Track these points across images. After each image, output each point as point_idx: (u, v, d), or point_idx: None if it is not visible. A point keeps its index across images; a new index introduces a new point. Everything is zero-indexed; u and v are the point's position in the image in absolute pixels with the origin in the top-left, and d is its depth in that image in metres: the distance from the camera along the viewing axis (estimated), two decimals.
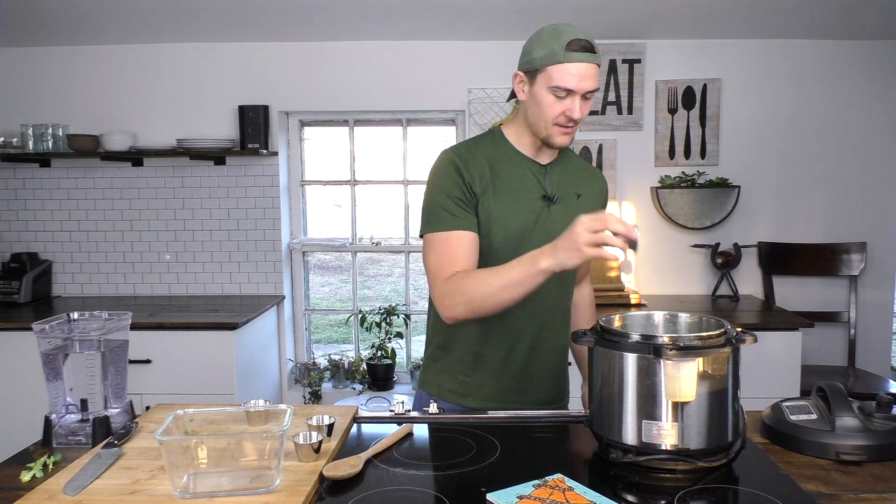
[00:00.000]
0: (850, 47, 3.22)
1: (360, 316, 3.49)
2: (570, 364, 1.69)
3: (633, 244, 1.19)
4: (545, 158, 1.55)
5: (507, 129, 1.56)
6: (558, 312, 1.58)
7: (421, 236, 1.50)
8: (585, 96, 1.42)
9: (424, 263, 1.50)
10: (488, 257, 1.49)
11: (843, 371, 3.12)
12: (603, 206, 1.66)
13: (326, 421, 1.25)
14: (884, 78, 3.23)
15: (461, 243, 1.45)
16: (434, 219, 1.47)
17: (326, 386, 3.46)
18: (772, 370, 2.68)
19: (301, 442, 1.17)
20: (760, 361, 2.64)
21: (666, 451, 1.14)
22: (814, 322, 2.84)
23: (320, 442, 1.18)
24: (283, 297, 3.40)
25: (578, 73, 1.38)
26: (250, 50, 3.29)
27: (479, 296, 1.37)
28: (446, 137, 3.49)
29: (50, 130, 3.20)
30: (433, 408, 1.47)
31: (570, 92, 1.40)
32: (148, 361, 2.77)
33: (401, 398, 1.57)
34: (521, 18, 2.89)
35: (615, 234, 1.19)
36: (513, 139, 1.55)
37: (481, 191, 1.47)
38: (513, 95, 1.54)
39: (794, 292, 3.30)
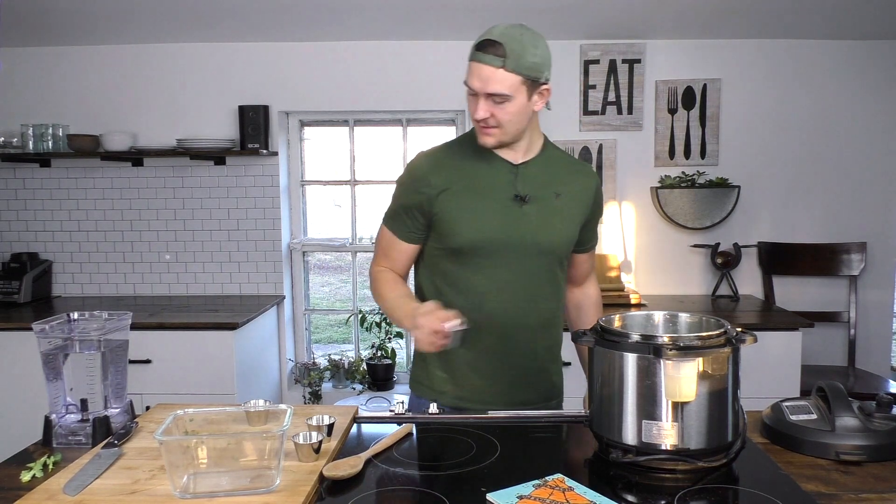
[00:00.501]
0: (851, 47, 3.22)
1: (360, 316, 3.49)
2: (568, 364, 1.68)
3: (454, 341, 1.37)
4: (518, 157, 1.54)
5: None
6: (533, 316, 1.55)
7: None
8: (495, 100, 1.40)
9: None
10: (457, 259, 1.51)
11: (843, 371, 3.12)
12: (590, 203, 1.61)
13: (326, 421, 1.25)
14: (884, 78, 3.23)
15: (395, 247, 1.59)
16: (388, 213, 1.61)
17: (326, 386, 3.46)
18: (772, 370, 2.68)
19: (301, 442, 1.17)
20: (760, 361, 2.64)
21: (666, 451, 1.14)
22: (814, 322, 2.84)
23: (320, 442, 1.18)
24: (283, 297, 3.40)
25: (474, 72, 1.41)
26: (250, 50, 3.29)
27: (381, 307, 1.60)
28: (446, 137, 3.49)
29: (50, 130, 3.20)
30: (433, 408, 1.47)
31: (474, 91, 1.42)
32: (148, 361, 2.77)
33: (401, 398, 1.56)
34: (521, 18, 2.87)
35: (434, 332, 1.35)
36: None
37: (442, 196, 1.49)
38: None
39: (794, 292, 3.30)
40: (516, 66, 1.38)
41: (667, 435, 1.14)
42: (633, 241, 3.35)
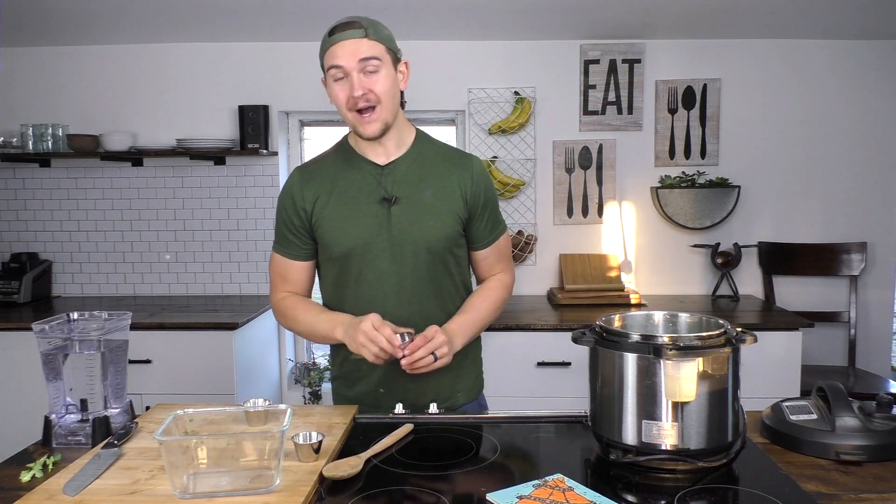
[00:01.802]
0: (851, 47, 3.22)
1: None
2: (568, 364, 1.68)
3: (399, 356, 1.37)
4: (384, 158, 1.52)
5: (350, 137, 1.57)
6: (422, 318, 1.50)
7: None
8: (367, 70, 1.41)
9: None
10: (337, 266, 1.52)
11: (843, 371, 3.12)
12: (471, 190, 1.53)
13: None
14: (884, 78, 3.23)
15: (289, 269, 1.58)
16: (276, 240, 1.60)
17: (326, 386, 3.45)
18: (772, 370, 2.68)
19: (301, 442, 1.17)
20: (760, 361, 2.64)
21: (666, 451, 1.14)
22: (814, 322, 2.84)
23: (320, 442, 1.18)
24: None
25: (342, 50, 1.41)
26: (250, 50, 3.29)
27: (297, 330, 1.57)
28: (446, 137, 3.49)
29: (50, 130, 3.20)
30: (433, 408, 1.47)
31: (342, 70, 1.41)
32: (148, 361, 2.76)
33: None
34: (521, 18, 2.89)
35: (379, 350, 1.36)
36: (354, 144, 1.56)
37: (315, 208, 1.50)
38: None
39: (794, 292, 3.30)
40: (377, 36, 1.43)
41: (667, 435, 1.14)
42: (633, 241, 3.35)
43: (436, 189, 1.51)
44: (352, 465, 1.14)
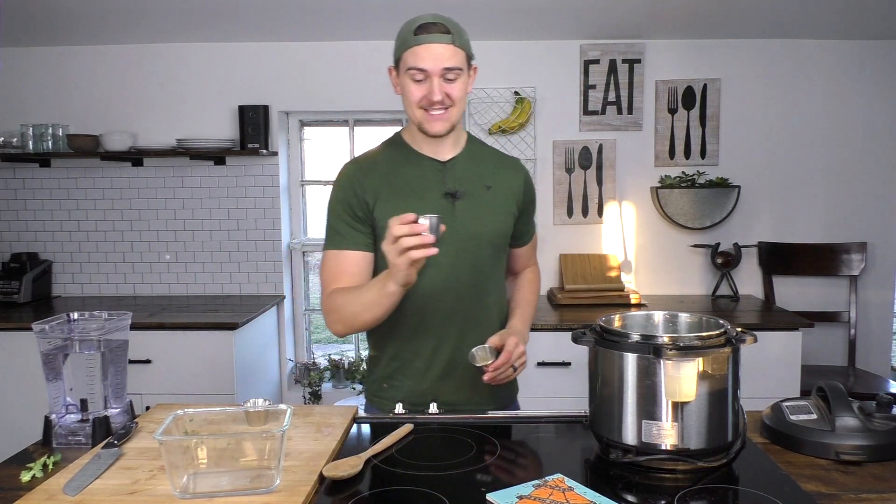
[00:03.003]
0: (851, 47, 3.22)
1: None
2: (568, 364, 1.68)
3: (432, 231, 1.25)
4: (445, 154, 1.54)
5: (405, 133, 1.58)
6: (480, 310, 1.55)
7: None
8: (447, 78, 1.42)
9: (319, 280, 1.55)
10: None
11: (843, 371, 3.12)
12: (521, 194, 1.60)
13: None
14: (884, 78, 3.23)
15: (347, 262, 1.49)
16: (327, 237, 1.53)
17: (326, 386, 3.46)
18: (772, 370, 2.68)
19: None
20: (760, 361, 2.64)
21: (666, 451, 1.14)
22: (814, 322, 2.84)
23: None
24: (283, 297, 3.40)
25: (428, 54, 1.41)
26: (250, 50, 3.29)
27: (349, 315, 1.45)
28: None
29: (50, 130, 3.20)
30: (433, 408, 1.47)
31: (425, 73, 1.42)
32: (148, 361, 2.77)
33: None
34: (521, 18, 2.89)
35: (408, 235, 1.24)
36: (410, 140, 1.56)
37: (375, 200, 1.49)
38: None
39: (794, 292, 3.30)
40: (460, 42, 1.44)
41: (667, 435, 1.14)
42: (633, 241, 3.35)
43: (494, 187, 1.56)
44: (352, 465, 1.14)
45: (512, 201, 1.59)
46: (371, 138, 3.59)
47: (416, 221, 1.25)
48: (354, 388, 3.41)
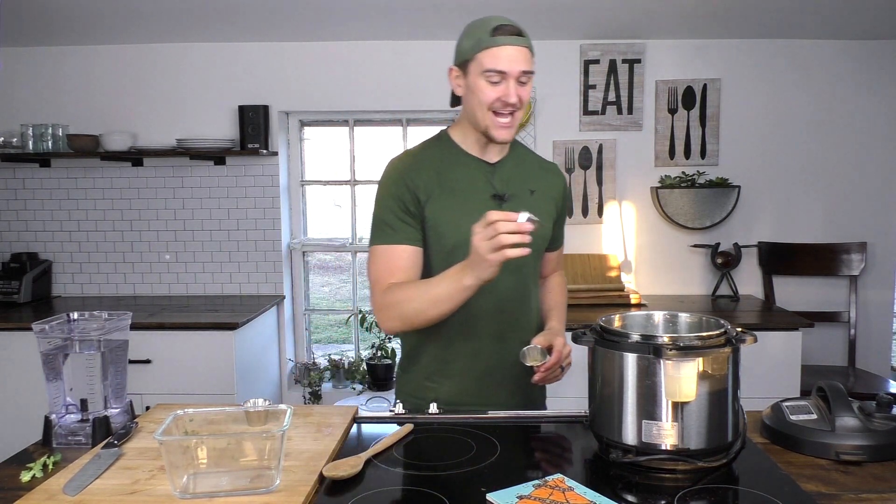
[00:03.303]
0: (851, 47, 3.22)
1: (360, 316, 3.49)
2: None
3: (531, 231, 1.23)
4: (494, 156, 1.54)
5: (453, 132, 1.58)
6: (521, 315, 1.56)
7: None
8: (521, 81, 1.43)
9: (367, 275, 1.52)
10: (444, 261, 1.48)
11: (843, 371, 3.12)
12: (560, 200, 1.64)
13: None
14: (884, 78, 3.23)
15: (401, 257, 1.46)
16: (377, 232, 1.50)
17: (326, 386, 3.46)
18: (772, 370, 2.68)
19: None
20: (760, 361, 2.64)
21: (666, 451, 1.14)
22: (814, 322, 2.84)
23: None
24: (283, 297, 3.40)
25: (507, 56, 1.40)
26: (250, 50, 3.29)
27: (411, 311, 1.41)
28: None
29: (50, 130, 3.20)
30: (433, 408, 1.47)
31: (502, 75, 1.41)
32: (148, 361, 2.77)
33: None
34: (520, 18, 2.87)
35: (507, 232, 1.21)
36: (459, 140, 1.55)
37: (426, 197, 1.48)
38: (455, 100, 1.56)
39: (794, 292, 3.30)
40: (531, 46, 1.45)
41: (667, 435, 1.14)
42: (633, 241, 3.35)
43: (537, 191, 1.57)
44: (352, 465, 1.14)
45: (552, 206, 1.60)
46: (371, 138, 3.59)
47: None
48: (354, 388, 3.41)
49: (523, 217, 1.22)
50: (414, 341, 1.58)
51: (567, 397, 1.70)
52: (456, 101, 1.57)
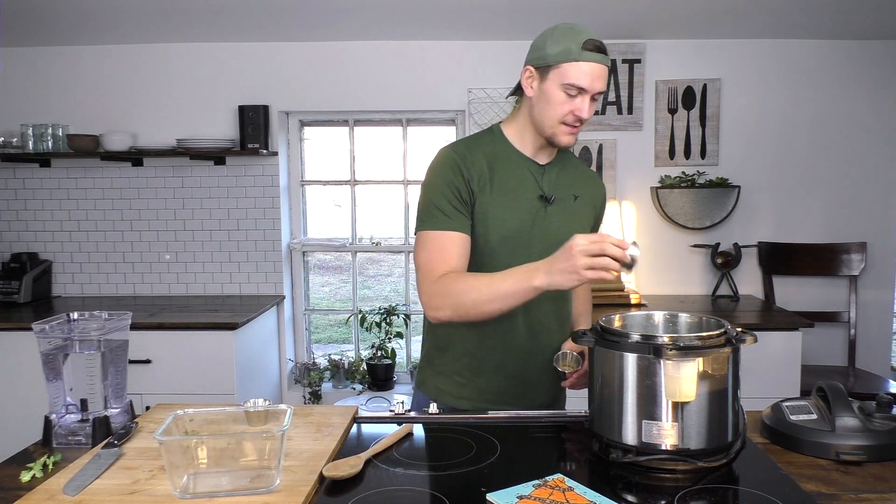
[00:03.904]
0: (851, 47, 3.22)
1: (360, 316, 3.49)
2: None
3: (631, 263, 1.22)
4: (544, 158, 1.55)
5: (506, 128, 1.56)
6: (554, 317, 1.57)
7: (416, 233, 1.50)
8: (594, 97, 1.43)
9: (415, 260, 1.49)
10: (485, 256, 1.49)
11: (843, 371, 3.12)
12: (599, 209, 1.64)
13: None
14: (884, 78, 3.23)
15: (454, 244, 1.44)
16: (428, 217, 1.47)
17: (326, 386, 3.46)
18: (772, 370, 2.68)
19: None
20: (760, 361, 2.64)
21: (666, 451, 1.14)
22: (814, 322, 2.84)
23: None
24: (283, 297, 3.40)
25: (592, 73, 1.40)
26: (250, 50, 3.29)
27: (469, 301, 1.37)
28: (446, 137, 3.49)
29: (50, 130, 3.20)
30: (433, 408, 1.47)
31: (581, 91, 1.41)
32: (148, 361, 2.77)
33: (401, 398, 1.56)
34: (521, 18, 2.89)
35: (613, 257, 1.21)
36: (512, 138, 1.54)
37: (478, 189, 1.47)
38: (515, 91, 1.54)
39: (794, 292, 3.30)
40: (609, 65, 1.47)
41: (667, 435, 1.14)
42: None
43: (580, 197, 1.57)
44: (352, 465, 1.14)
45: (591, 214, 1.61)
46: (371, 138, 3.59)
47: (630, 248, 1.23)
48: (354, 388, 3.41)
49: (633, 249, 1.22)
50: (444, 334, 1.56)
51: (567, 397, 1.70)
52: (514, 91, 1.54)
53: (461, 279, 1.40)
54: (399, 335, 3.48)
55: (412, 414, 1.46)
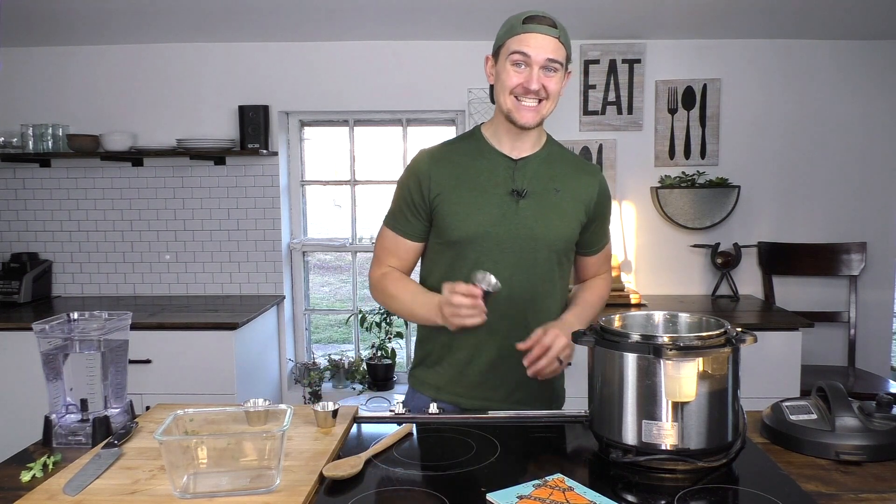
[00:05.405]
0: (850, 47, 3.22)
1: (360, 316, 3.49)
2: (568, 364, 1.68)
3: (490, 291, 1.35)
4: (522, 152, 1.55)
5: (485, 128, 1.60)
6: (532, 312, 1.54)
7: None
8: (547, 71, 1.44)
9: (374, 245, 1.67)
10: (453, 250, 1.53)
11: (843, 371, 3.12)
12: (591, 203, 1.57)
13: (331, 407, 1.33)
14: (884, 78, 3.23)
15: (400, 247, 1.59)
16: (390, 214, 1.61)
17: (326, 386, 3.46)
18: (772, 370, 2.68)
19: (319, 409, 1.30)
20: (760, 361, 2.64)
21: (666, 451, 1.14)
22: (814, 322, 2.84)
23: (336, 410, 1.32)
24: (283, 297, 3.40)
25: (535, 42, 1.42)
26: (250, 50, 3.29)
27: (392, 307, 1.60)
28: (446, 137, 3.49)
29: (50, 130, 3.20)
30: (433, 408, 1.47)
31: (527, 60, 1.43)
32: (148, 361, 2.77)
33: (401, 398, 1.57)
34: None
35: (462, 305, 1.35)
36: (489, 136, 1.57)
37: (438, 191, 1.51)
38: (491, 92, 1.56)
39: (794, 292, 3.30)
40: (565, 40, 1.45)
41: (667, 435, 1.14)
42: (633, 241, 3.35)
43: (563, 191, 1.55)
44: (352, 465, 1.15)
45: (581, 208, 1.56)
46: (371, 138, 3.59)
47: (475, 278, 1.35)
48: (354, 389, 3.41)
49: (488, 282, 1.34)
50: (425, 328, 1.62)
51: (567, 397, 1.70)
52: (491, 92, 1.57)
53: (393, 284, 1.58)
54: (399, 335, 3.48)
55: (412, 414, 1.45)
